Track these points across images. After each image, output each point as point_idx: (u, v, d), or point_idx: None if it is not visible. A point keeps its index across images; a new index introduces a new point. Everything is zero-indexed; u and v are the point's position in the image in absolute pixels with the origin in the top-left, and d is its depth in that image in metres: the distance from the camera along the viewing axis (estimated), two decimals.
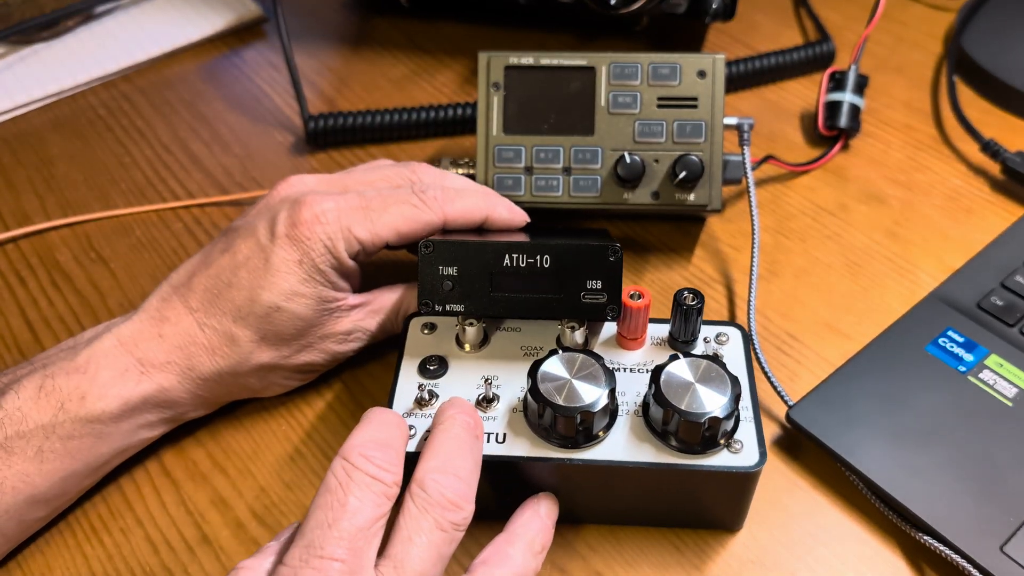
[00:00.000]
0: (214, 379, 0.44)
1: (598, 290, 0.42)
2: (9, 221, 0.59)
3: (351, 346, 0.47)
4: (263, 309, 0.43)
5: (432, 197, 0.46)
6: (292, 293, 0.43)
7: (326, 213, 0.43)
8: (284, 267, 0.43)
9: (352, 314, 0.46)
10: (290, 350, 0.45)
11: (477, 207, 0.46)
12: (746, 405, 0.41)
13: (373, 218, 0.44)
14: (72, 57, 0.70)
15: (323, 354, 0.46)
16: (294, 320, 0.44)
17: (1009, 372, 0.46)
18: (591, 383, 0.39)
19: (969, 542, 0.40)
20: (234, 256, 0.44)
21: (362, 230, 0.44)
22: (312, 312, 0.44)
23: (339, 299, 0.45)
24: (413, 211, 0.45)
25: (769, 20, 0.73)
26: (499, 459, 0.39)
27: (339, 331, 0.46)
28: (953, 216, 0.57)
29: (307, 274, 0.43)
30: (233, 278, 0.44)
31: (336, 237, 0.43)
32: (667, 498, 0.41)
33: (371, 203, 0.45)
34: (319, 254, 0.43)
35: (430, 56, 0.71)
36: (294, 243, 0.43)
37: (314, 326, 0.45)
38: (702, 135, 0.51)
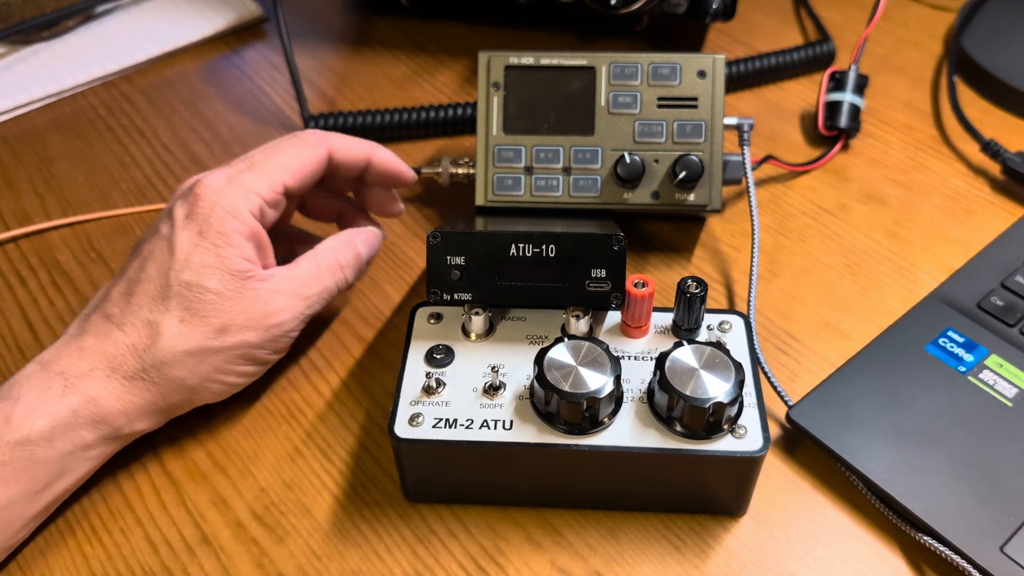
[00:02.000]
0: (141, 377, 0.42)
1: (603, 278, 0.42)
2: (9, 221, 0.59)
3: (281, 319, 0.44)
4: (175, 290, 0.42)
5: (312, 133, 0.48)
6: (200, 266, 0.42)
7: (217, 183, 0.44)
8: (188, 244, 0.43)
9: (271, 284, 0.44)
10: (213, 330, 0.42)
11: (360, 144, 0.48)
12: (750, 391, 0.41)
13: (260, 168, 0.45)
14: (72, 57, 0.70)
15: (254, 332, 0.43)
16: (207, 294, 0.42)
17: (1009, 372, 0.46)
18: (597, 370, 0.40)
19: (969, 542, 0.40)
20: (141, 257, 0.44)
21: (254, 181, 0.44)
22: (223, 284, 0.43)
23: (250, 270, 0.43)
24: (296, 149, 0.46)
25: (769, 20, 0.73)
26: (506, 445, 0.40)
27: (261, 307, 0.43)
28: (953, 216, 0.57)
29: (212, 243, 0.43)
30: (142, 273, 0.43)
31: (233, 199, 0.43)
32: (672, 483, 0.42)
33: (255, 158, 0.46)
34: (219, 221, 0.43)
35: (430, 56, 0.71)
36: (193, 220, 0.43)
37: (231, 300, 0.43)
38: (702, 135, 0.51)
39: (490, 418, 0.41)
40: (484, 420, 0.41)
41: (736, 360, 0.40)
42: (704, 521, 0.43)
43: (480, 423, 0.40)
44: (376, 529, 0.43)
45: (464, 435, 0.40)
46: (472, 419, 0.41)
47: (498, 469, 0.42)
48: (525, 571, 0.42)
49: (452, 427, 0.40)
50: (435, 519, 0.44)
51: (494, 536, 0.43)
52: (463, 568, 0.42)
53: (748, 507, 0.43)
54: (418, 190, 0.60)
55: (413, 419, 0.41)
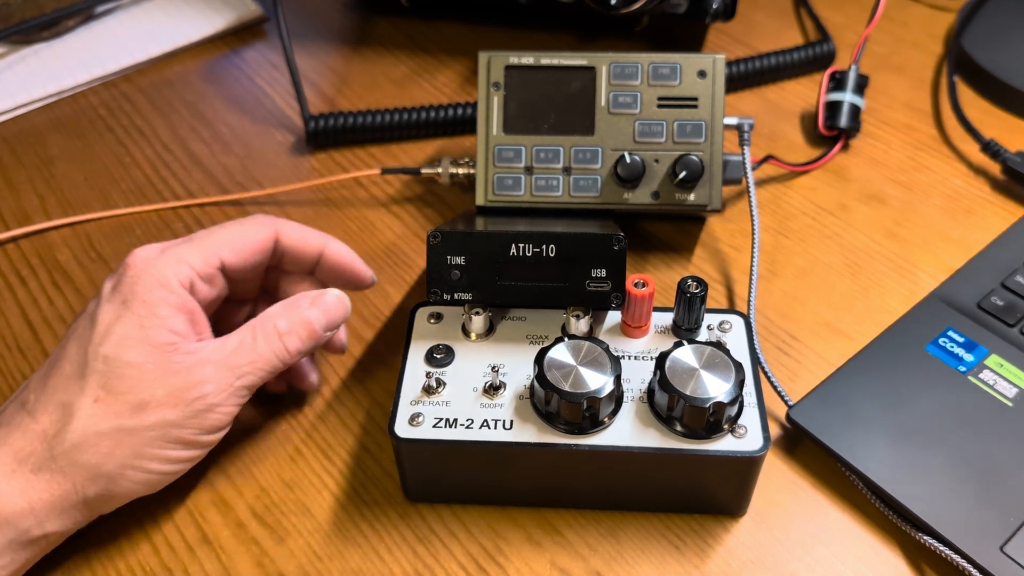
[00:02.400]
0: (50, 468, 0.37)
1: (603, 278, 0.42)
2: (9, 221, 0.59)
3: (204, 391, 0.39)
4: (92, 366, 0.38)
5: (259, 215, 0.45)
6: (121, 338, 0.39)
7: (148, 254, 0.41)
8: (110, 316, 0.39)
9: (198, 356, 0.40)
10: (129, 408, 0.38)
11: (314, 235, 0.45)
12: (750, 391, 0.41)
13: (198, 242, 0.42)
14: (73, 57, 0.70)
15: (174, 408, 0.38)
16: (126, 368, 0.38)
17: (1009, 372, 0.46)
18: (597, 370, 0.40)
19: (969, 542, 0.40)
20: (66, 337, 0.41)
21: (188, 253, 0.41)
22: (143, 357, 0.38)
23: (175, 343, 0.39)
24: (240, 227, 0.43)
25: (769, 20, 0.73)
26: (506, 445, 0.40)
27: (183, 379, 0.39)
28: (953, 216, 0.57)
29: (135, 314, 0.39)
30: (62, 352, 0.40)
31: (162, 268, 0.40)
32: (672, 483, 0.42)
33: (196, 234, 0.43)
34: (145, 290, 0.39)
35: (430, 56, 0.71)
36: (119, 292, 0.40)
37: (151, 374, 0.38)
38: (702, 135, 0.51)
39: (490, 418, 0.41)
40: (484, 420, 0.41)
41: (736, 360, 0.40)
42: (704, 521, 0.43)
43: (480, 423, 0.40)
44: (376, 529, 0.43)
45: (464, 435, 0.40)
46: (472, 419, 0.41)
47: (498, 469, 0.42)
48: (525, 571, 0.42)
49: (452, 427, 0.40)
50: (435, 519, 0.44)
51: (494, 536, 0.43)
52: (463, 568, 0.42)
53: (748, 507, 0.43)
54: (418, 190, 0.60)
55: (413, 419, 0.41)
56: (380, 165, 0.62)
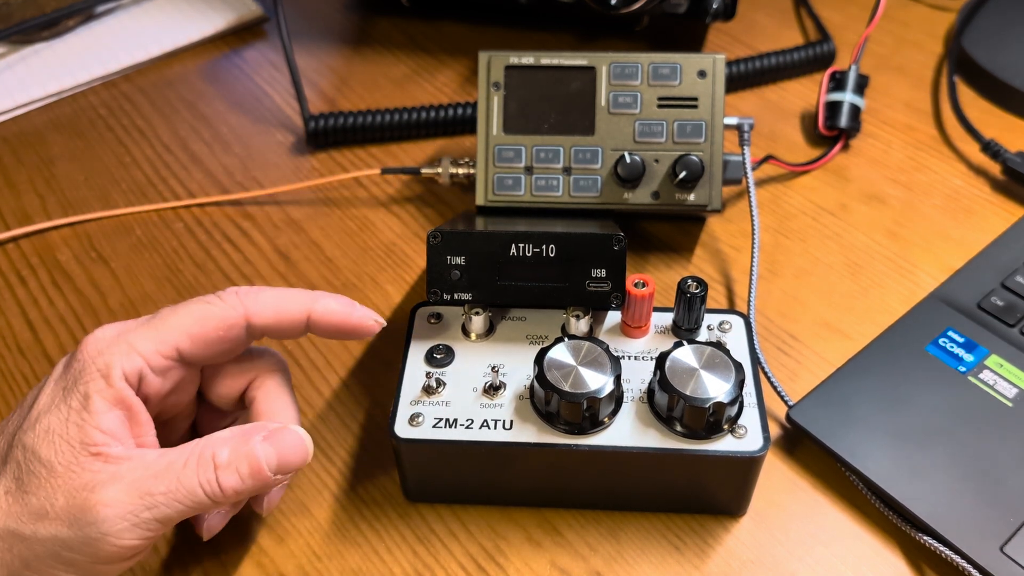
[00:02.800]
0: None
1: (603, 278, 0.42)
2: (10, 220, 0.59)
3: (101, 516, 0.33)
4: (13, 453, 0.35)
5: (230, 292, 0.39)
6: (45, 430, 0.34)
7: (104, 336, 0.37)
8: (47, 401, 0.35)
9: (116, 469, 0.34)
10: (30, 513, 0.33)
11: (291, 298, 0.39)
12: (750, 391, 0.41)
13: (157, 325, 0.37)
14: (73, 57, 0.70)
15: (68, 527, 0.33)
16: (37, 465, 0.34)
17: (1009, 372, 0.46)
18: (597, 370, 0.40)
19: (969, 542, 0.40)
20: (18, 405, 0.38)
21: (143, 340, 0.36)
22: (57, 456, 0.34)
23: (99, 444, 0.34)
24: (205, 307, 0.38)
25: (769, 20, 0.73)
26: (506, 445, 0.40)
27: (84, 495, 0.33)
28: (953, 216, 0.57)
29: (68, 406, 0.35)
30: (5, 427, 0.37)
31: (110, 358, 0.36)
32: (672, 483, 0.42)
33: (158, 314, 0.38)
34: (87, 380, 0.35)
35: (431, 56, 0.71)
36: (65, 375, 0.36)
37: (58, 478, 0.34)
38: (702, 135, 0.51)
39: (490, 418, 0.41)
40: (484, 420, 0.41)
41: (736, 360, 0.40)
42: (704, 521, 0.43)
43: (480, 423, 0.40)
44: (376, 529, 0.43)
45: (464, 435, 0.40)
46: (472, 419, 0.41)
47: (498, 469, 0.42)
48: (525, 571, 0.42)
49: (452, 427, 0.40)
50: (435, 519, 0.44)
51: (494, 536, 0.43)
52: (463, 568, 0.42)
53: (748, 507, 0.43)
54: (418, 190, 0.60)
55: (413, 419, 0.41)
56: (380, 165, 0.62)
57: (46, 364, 0.51)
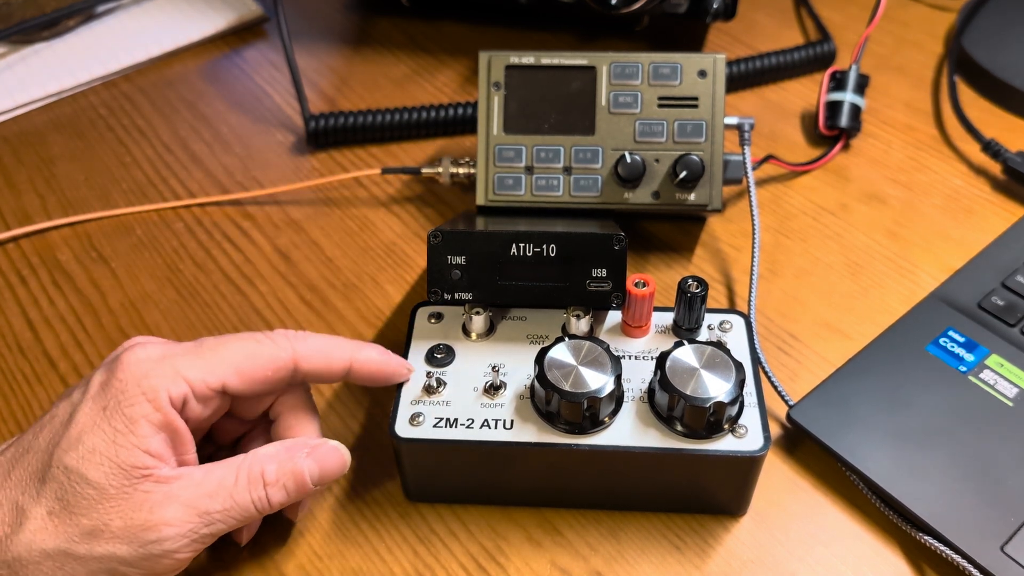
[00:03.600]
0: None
1: (603, 278, 0.42)
2: (10, 220, 0.59)
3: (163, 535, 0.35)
4: (53, 472, 0.35)
5: (280, 334, 0.39)
6: (89, 451, 0.35)
7: (146, 356, 0.37)
8: (87, 420, 0.35)
9: (168, 489, 0.35)
10: (81, 533, 0.34)
11: (337, 346, 0.40)
12: (750, 391, 0.41)
13: (206, 355, 0.37)
14: (73, 57, 0.70)
15: (128, 545, 0.35)
16: (85, 487, 0.34)
17: (1010, 372, 0.46)
18: (597, 370, 0.40)
19: (969, 542, 0.40)
20: (41, 421, 0.37)
21: (192, 368, 0.37)
22: (108, 479, 0.35)
23: (149, 467, 0.35)
24: (255, 346, 0.38)
25: (770, 20, 0.73)
26: (507, 445, 0.40)
27: (144, 515, 0.35)
28: (954, 216, 0.57)
29: (114, 429, 0.35)
30: (34, 442, 0.36)
31: (155, 380, 0.36)
32: (672, 483, 0.42)
33: (205, 343, 0.38)
34: (131, 403, 0.35)
35: (431, 56, 0.71)
36: (104, 394, 0.36)
37: (111, 500, 0.35)
38: (703, 135, 0.51)
39: (491, 418, 0.41)
40: (485, 420, 0.41)
41: (736, 360, 0.40)
42: (705, 521, 0.43)
43: (481, 423, 0.40)
44: (377, 529, 0.43)
45: (465, 435, 0.40)
46: (473, 419, 0.41)
47: (498, 469, 0.42)
48: (525, 571, 0.42)
49: (453, 427, 0.40)
50: (435, 519, 0.44)
51: (494, 536, 0.43)
52: (463, 568, 0.42)
53: (748, 507, 0.43)
54: (419, 190, 0.60)
55: (414, 419, 0.41)
56: (380, 165, 0.62)
57: (46, 364, 0.51)
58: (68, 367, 0.51)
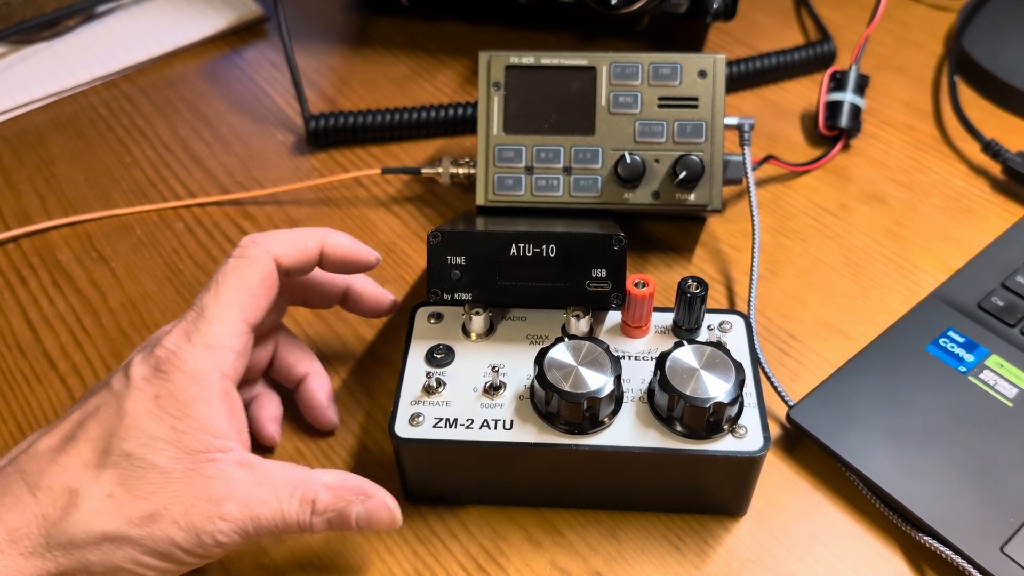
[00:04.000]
0: (42, 555, 0.35)
1: (603, 278, 0.42)
2: (10, 220, 0.59)
3: (219, 528, 0.36)
4: (114, 459, 0.36)
5: (251, 246, 0.40)
6: (151, 438, 0.36)
7: (178, 343, 0.37)
8: (141, 410, 0.36)
9: (228, 480, 0.36)
10: (141, 515, 0.35)
11: (306, 235, 0.42)
12: (750, 391, 0.41)
13: (214, 316, 0.38)
14: (73, 56, 0.70)
15: (184, 532, 0.36)
16: (150, 471, 0.35)
17: (1010, 372, 0.46)
18: (597, 370, 0.40)
19: (969, 542, 0.40)
20: (84, 410, 0.37)
21: (213, 333, 0.38)
22: (172, 463, 0.36)
23: (210, 450, 0.36)
24: (241, 276, 0.39)
25: (770, 20, 0.73)
26: (507, 445, 0.40)
27: (203, 506, 0.36)
28: (954, 216, 0.57)
29: (171, 415, 0.36)
30: (79, 431, 0.36)
31: (196, 362, 0.37)
32: (672, 483, 0.42)
33: (203, 302, 0.39)
34: (181, 388, 0.36)
35: (431, 56, 0.71)
36: (152, 384, 0.37)
37: (174, 483, 0.36)
38: (703, 135, 0.51)
39: (490, 418, 0.41)
40: (484, 420, 0.41)
41: (736, 360, 0.40)
42: (704, 521, 0.43)
43: (480, 423, 0.40)
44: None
45: (464, 435, 0.40)
46: (472, 419, 0.41)
47: (498, 469, 0.42)
48: (525, 571, 0.42)
49: (452, 427, 0.40)
50: (435, 519, 0.44)
51: (494, 536, 0.43)
52: (463, 568, 0.42)
53: (748, 507, 0.43)
54: (419, 190, 0.60)
55: (413, 419, 0.41)
56: (380, 165, 0.62)
57: (46, 364, 0.51)
58: (68, 367, 0.51)
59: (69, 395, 0.49)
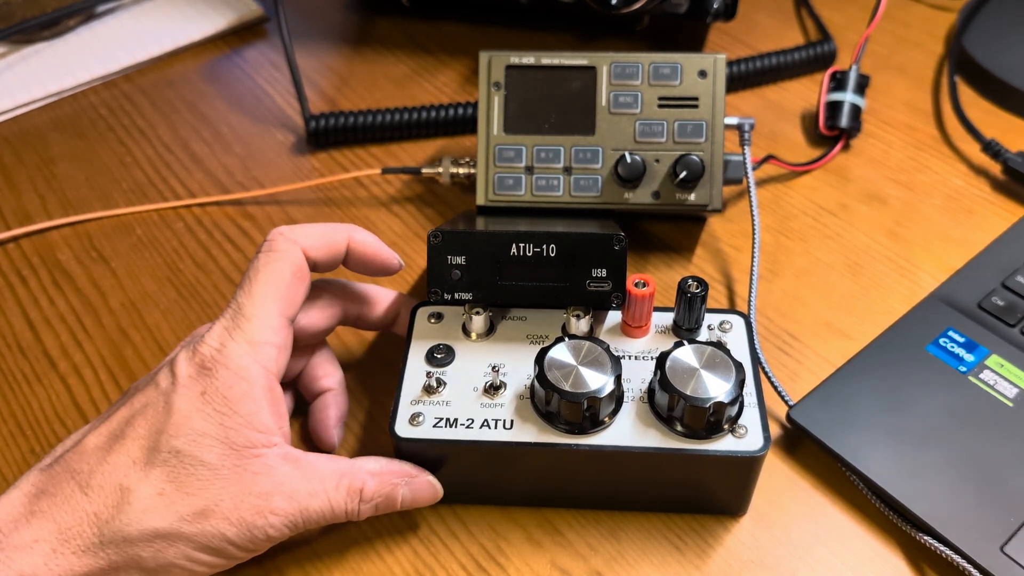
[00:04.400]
0: (95, 552, 0.35)
1: (603, 278, 0.42)
2: (10, 220, 0.59)
3: (270, 523, 0.37)
4: (163, 456, 0.36)
5: (280, 239, 0.40)
6: (198, 435, 0.36)
7: (221, 340, 0.38)
8: (189, 406, 0.37)
9: (276, 475, 0.37)
10: (192, 512, 0.36)
11: (332, 229, 0.42)
12: (750, 391, 0.41)
13: (249, 312, 0.39)
14: (73, 56, 0.70)
15: (235, 527, 0.36)
16: (200, 468, 0.36)
17: (1010, 372, 0.46)
18: (597, 370, 0.40)
19: (969, 542, 0.40)
20: (131, 407, 0.38)
21: (254, 330, 0.38)
22: (220, 459, 0.36)
23: (256, 446, 0.37)
24: (273, 271, 0.40)
25: (770, 20, 0.73)
26: (507, 445, 0.40)
27: (253, 501, 0.37)
28: (954, 216, 0.57)
29: (218, 412, 0.37)
30: (127, 428, 0.37)
31: (243, 359, 0.37)
32: (672, 483, 0.42)
33: (239, 299, 0.39)
34: (229, 384, 0.37)
35: (431, 56, 0.71)
36: (199, 381, 0.37)
37: (225, 480, 0.36)
38: (703, 135, 0.51)
39: (491, 417, 0.41)
40: (485, 420, 0.41)
41: (737, 360, 0.40)
42: (705, 521, 0.43)
43: (481, 423, 0.40)
44: (377, 528, 0.43)
45: (465, 435, 0.40)
46: (473, 419, 0.41)
47: (499, 469, 0.42)
48: (526, 571, 0.42)
49: (453, 427, 0.40)
50: (436, 519, 0.44)
51: (495, 536, 0.43)
52: (464, 568, 0.42)
53: (749, 507, 0.43)
54: (419, 190, 0.60)
55: (414, 418, 0.41)
56: (381, 165, 0.62)
57: (46, 364, 0.51)
58: (68, 367, 0.51)
59: (69, 395, 0.49)
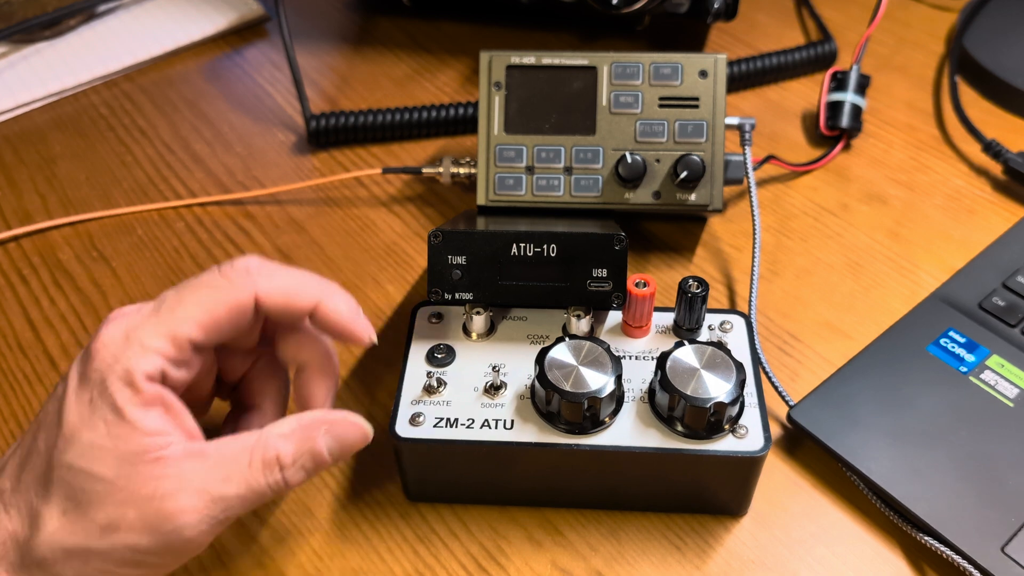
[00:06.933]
0: (26, 573, 0.35)
1: (604, 278, 0.43)
2: (11, 220, 0.59)
3: (181, 523, 0.34)
4: (57, 473, 0.34)
5: (241, 272, 0.37)
6: (88, 446, 0.34)
7: (113, 339, 0.35)
8: (76, 418, 0.34)
9: (178, 473, 0.34)
10: (98, 528, 0.34)
11: (303, 287, 0.38)
12: (751, 391, 0.41)
13: (164, 319, 0.36)
14: (74, 56, 0.70)
15: (148, 535, 0.34)
16: (94, 482, 0.34)
17: (1010, 373, 0.46)
18: (598, 370, 0.40)
19: (970, 542, 0.40)
20: (38, 419, 0.36)
21: (155, 338, 0.35)
22: (114, 471, 0.34)
23: (152, 449, 0.34)
24: (212, 294, 0.36)
25: (771, 20, 0.73)
26: (507, 445, 0.40)
27: (157, 504, 0.34)
28: (955, 216, 0.57)
29: (104, 421, 0.34)
30: (33, 444, 0.36)
31: (129, 362, 0.34)
32: (673, 483, 0.42)
33: (164, 302, 0.36)
34: (112, 392, 0.34)
35: (432, 55, 0.71)
36: (85, 386, 0.35)
37: (123, 491, 0.34)
38: (703, 135, 0.51)
39: (491, 418, 0.41)
40: (485, 420, 0.41)
41: (737, 360, 0.40)
42: (705, 521, 0.43)
43: (481, 423, 0.41)
44: (377, 528, 0.43)
45: (465, 435, 0.40)
46: (473, 419, 0.41)
47: (499, 469, 0.42)
48: (526, 571, 0.42)
49: (453, 427, 0.40)
50: (436, 519, 0.44)
51: (495, 536, 0.43)
52: (464, 568, 0.42)
53: (749, 507, 0.43)
54: (420, 189, 0.60)
55: (414, 419, 0.41)
56: (381, 164, 0.62)
57: (47, 363, 0.51)
58: (69, 367, 0.51)
59: None
